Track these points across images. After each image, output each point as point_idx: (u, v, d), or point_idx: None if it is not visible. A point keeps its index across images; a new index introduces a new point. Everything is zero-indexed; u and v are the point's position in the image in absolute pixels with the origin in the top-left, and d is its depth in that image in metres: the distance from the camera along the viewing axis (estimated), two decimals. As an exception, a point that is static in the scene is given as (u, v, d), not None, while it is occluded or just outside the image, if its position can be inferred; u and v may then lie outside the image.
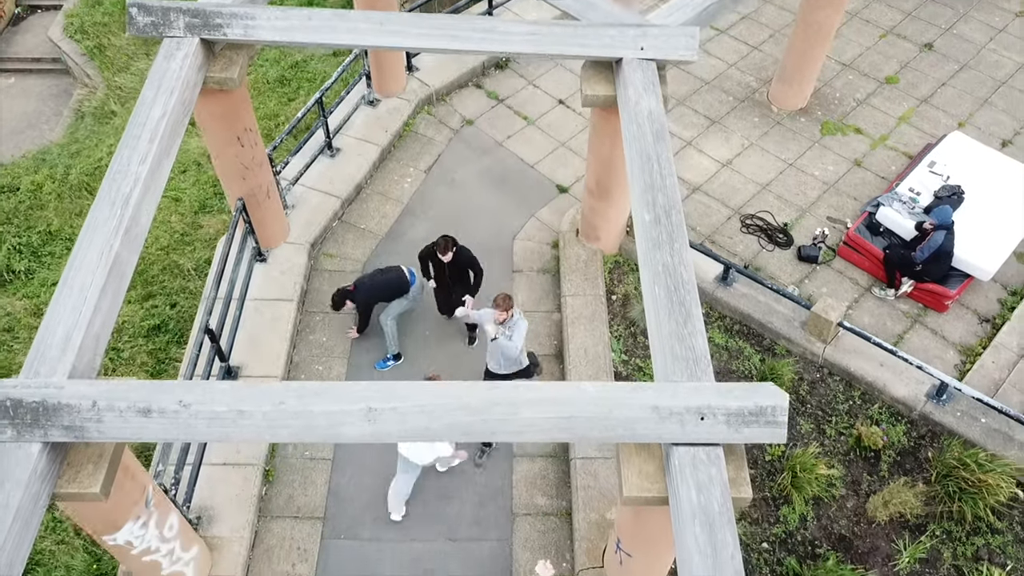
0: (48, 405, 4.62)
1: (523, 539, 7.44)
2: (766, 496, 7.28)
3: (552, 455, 7.99)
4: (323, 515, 7.58)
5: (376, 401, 4.73)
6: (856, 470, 7.39)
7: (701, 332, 5.28)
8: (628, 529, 6.02)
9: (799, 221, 9.92)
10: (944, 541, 6.94)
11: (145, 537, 5.92)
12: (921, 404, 7.62)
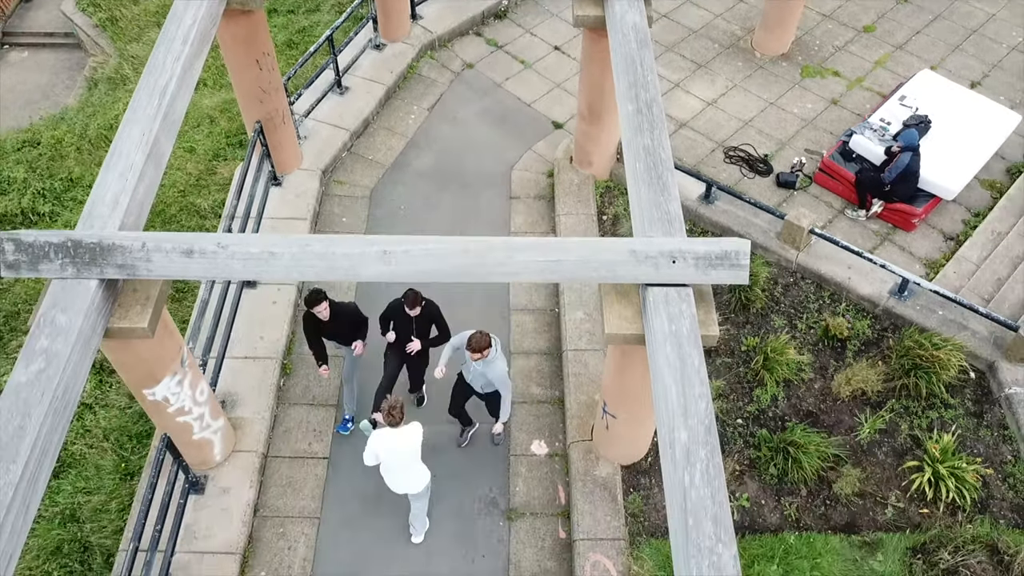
0: (103, 246, 5.31)
1: (519, 423, 8.14)
2: (741, 380, 7.97)
3: (546, 352, 8.67)
4: (337, 403, 8.27)
5: (391, 246, 5.42)
6: (824, 357, 8.09)
7: (676, 199, 5.96)
8: (612, 390, 6.71)
9: (779, 153, 10.60)
10: (901, 415, 7.62)
11: (180, 396, 6.61)
12: (884, 300, 8.30)
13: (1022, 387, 7.55)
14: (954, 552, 6.59)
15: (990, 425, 7.59)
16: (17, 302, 10.90)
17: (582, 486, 7.42)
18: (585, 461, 7.59)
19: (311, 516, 7.52)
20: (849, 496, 7.12)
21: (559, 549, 7.30)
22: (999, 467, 7.34)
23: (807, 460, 7.00)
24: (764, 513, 7.15)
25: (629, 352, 6.11)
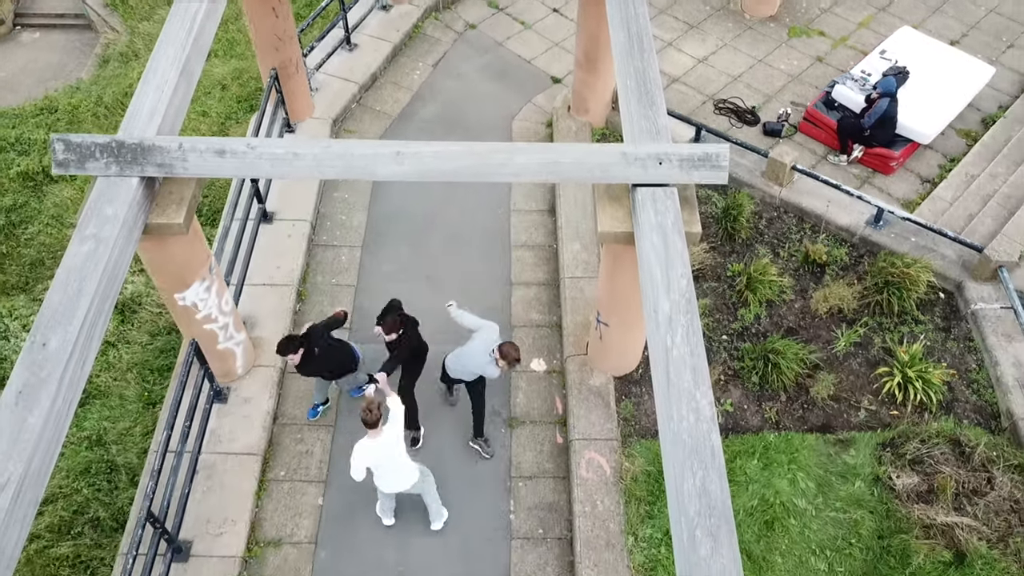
0: (144, 147, 5.88)
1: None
2: (726, 301, 8.54)
3: (544, 283, 9.24)
4: (349, 325, 8.83)
5: (403, 148, 5.99)
6: (804, 281, 8.66)
7: (663, 113, 6.53)
8: (605, 297, 7.27)
9: (765, 105, 11.17)
10: (875, 330, 8.20)
11: (208, 302, 7.18)
12: (861, 229, 8.88)
13: (987, 303, 8.13)
14: (920, 444, 7.16)
15: (957, 338, 8.17)
16: (41, 251, 11.48)
17: (577, 394, 7.99)
18: (581, 373, 8.16)
19: (326, 425, 8.09)
20: (825, 400, 7.70)
21: (557, 452, 7.87)
22: (964, 375, 7.92)
23: (786, 366, 7.58)
24: (746, 416, 7.72)
25: (620, 255, 6.66)
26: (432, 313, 8.94)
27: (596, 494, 7.32)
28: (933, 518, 6.70)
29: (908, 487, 6.94)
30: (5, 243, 11.76)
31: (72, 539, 8.50)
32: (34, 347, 5.01)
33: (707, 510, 4.46)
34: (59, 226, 11.73)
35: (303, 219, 9.56)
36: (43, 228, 11.80)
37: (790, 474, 7.18)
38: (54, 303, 5.23)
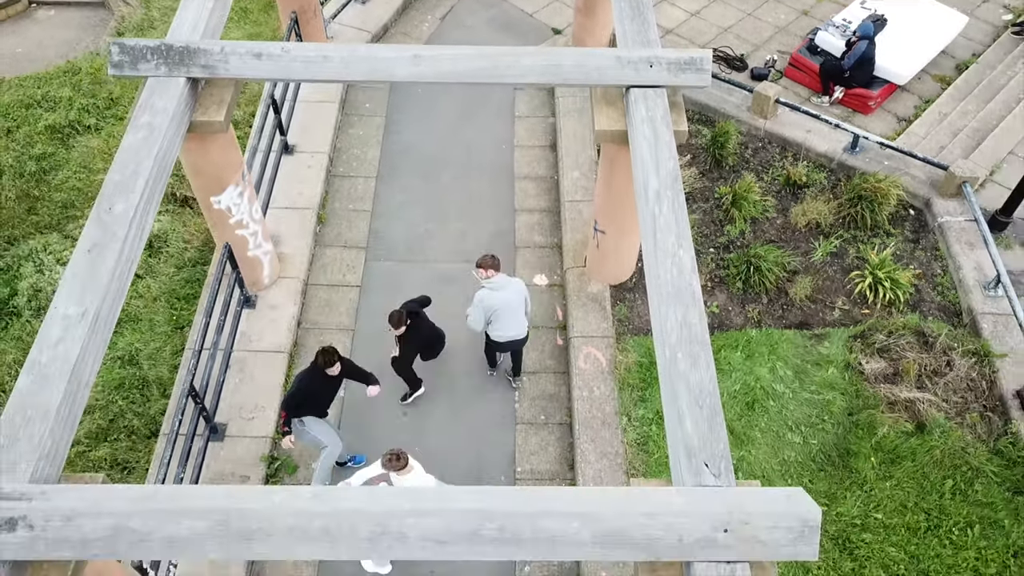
0: (190, 49, 6.59)
1: (524, 262, 9.43)
2: (714, 219, 9.26)
3: (546, 210, 9.96)
4: (366, 246, 9.56)
5: (421, 51, 6.70)
6: (785, 201, 9.38)
7: (653, 29, 7.25)
8: (602, 203, 7.99)
9: (754, 53, 11.88)
10: (850, 242, 8.92)
11: (241, 207, 7.90)
12: (839, 155, 9.60)
13: (952, 217, 8.85)
14: (887, 336, 7.88)
15: (924, 248, 8.89)
16: (71, 194, 12.18)
17: (576, 300, 8.71)
18: (579, 282, 8.88)
19: (347, 328, 8.81)
20: (803, 300, 8.42)
21: (558, 352, 8.59)
22: (930, 279, 8.64)
23: (767, 269, 8.30)
24: (731, 317, 8.44)
25: (615, 158, 7.38)
26: (442, 237, 9.70)
27: (593, 382, 8.04)
28: (897, 395, 7.41)
29: (876, 371, 7.66)
30: (37, 188, 12.46)
31: (109, 444, 9.21)
32: (101, 212, 5.73)
33: (687, 337, 5.18)
34: (88, 172, 12.41)
35: (321, 152, 10.28)
36: (72, 175, 12.47)
37: (770, 363, 7.90)
38: (115, 180, 5.94)
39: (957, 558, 6.66)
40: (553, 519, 4.30)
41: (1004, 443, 7.23)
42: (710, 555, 4.32)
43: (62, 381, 4.84)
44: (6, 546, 4.18)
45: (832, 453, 7.33)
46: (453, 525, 4.28)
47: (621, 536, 4.30)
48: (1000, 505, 6.91)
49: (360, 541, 4.27)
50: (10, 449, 4.58)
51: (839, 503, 7.01)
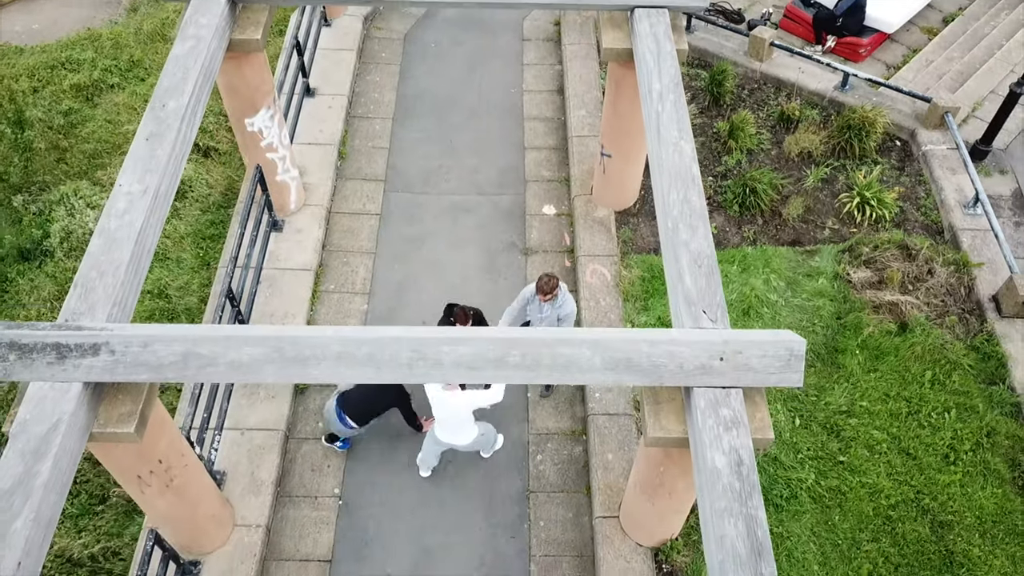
0: (231, -28, 7.18)
1: (533, 194, 10.01)
2: (712, 151, 9.85)
3: (554, 147, 10.54)
4: (384, 179, 10.15)
5: (441, -25, 7.30)
6: (779, 134, 9.97)
7: (656, -41, 7.81)
8: (608, 127, 8.56)
9: (750, 7, 12.46)
10: (839, 170, 9.51)
11: (271, 130, 8.48)
12: (830, 93, 10.18)
13: (935, 145, 9.44)
14: (873, 249, 8.47)
15: (909, 175, 9.48)
16: (98, 145, 12.75)
17: (583, 223, 9.30)
18: (586, 208, 9.47)
19: (368, 252, 9.40)
20: (795, 221, 9.00)
21: (565, 272, 9.18)
22: (914, 201, 9.23)
23: (762, 190, 8.88)
24: (728, 237, 9.03)
25: (621, 80, 7.95)
26: (456, 171, 10.28)
27: (599, 294, 8.63)
28: (882, 298, 8.00)
29: (862, 280, 8.25)
30: (65, 139, 13.03)
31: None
32: (155, 108, 6.31)
33: (687, 212, 5.77)
34: (113, 125, 12.99)
35: (341, 94, 10.86)
36: (98, 127, 13.04)
37: (764, 276, 8.49)
38: (165, 85, 6.50)
39: (935, 438, 7.25)
40: (568, 347, 4.89)
41: (980, 340, 7.83)
42: (707, 381, 4.91)
43: (129, 244, 5.43)
44: (91, 369, 4.76)
45: (822, 351, 7.92)
46: (482, 352, 4.87)
47: (628, 362, 4.89)
48: (975, 393, 7.50)
49: (401, 366, 4.86)
50: (87, 297, 5.17)
51: (827, 394, 7.60)
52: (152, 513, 6.24)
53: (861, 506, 6.91)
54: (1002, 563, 6.59)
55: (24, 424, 4.61)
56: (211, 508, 6.71)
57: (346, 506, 7.47)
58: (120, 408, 4.98)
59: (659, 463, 5.73)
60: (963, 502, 6.87)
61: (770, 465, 7.17)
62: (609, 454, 7.50)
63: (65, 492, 4.63)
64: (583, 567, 7.11)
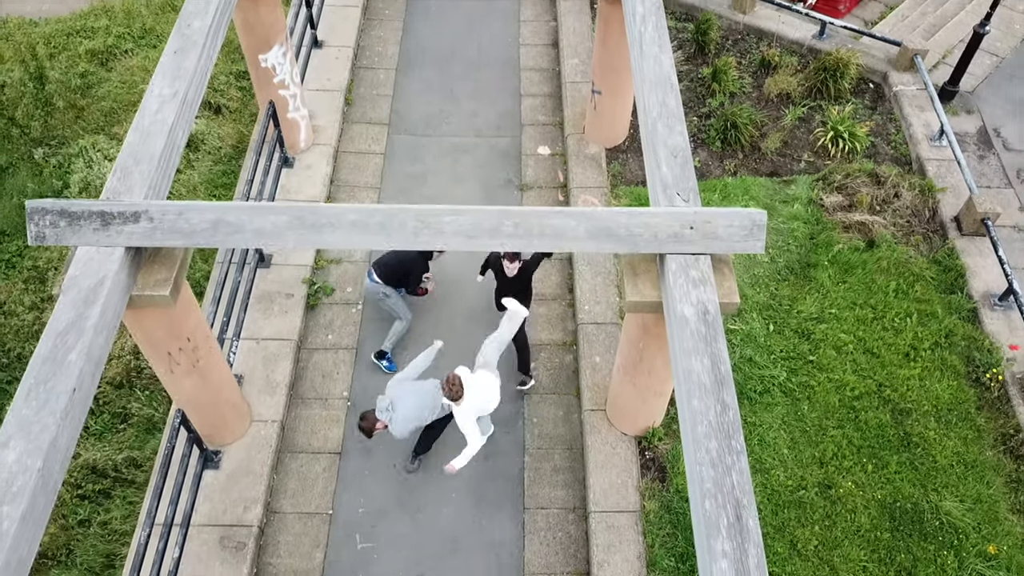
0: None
1: (529, 136, 10.63)
2: (697, 94, 10.46)
3: (548, 95, 11.15)
4: (388, 123, 10.76)
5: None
6: (760, 79, 10.58)
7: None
8: (598, 66, 9.17)
9: (736, -31, 13.07)
10: (816, 110, 10.13)
11: (283, 68, 9.10)
12: (808, 41, 10.80)
13: (906, 86, 10.05)
14: (845, 177, 9.09)
15: (881, 114, 10.10)
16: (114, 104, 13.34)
17: (576, 159, 9.92)
18: (578, 146, 10.08)
19: (373, 187, 10.01)
20: (773, 154, 9.62)
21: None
22: (884, 137, 9.85)
23: (743, 124, 9.49)
24: (711, 169, 9.65)
25: (609, 16, 8.54)
26: (456, 116, 10.89)
27: (590, 220, 9.23)
28: (852, 219, 8.62)
29: (834, 203, 8.86)
30: (82, 99, 13.64)
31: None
32: (182, 27, 6.93)
33: (665, 113, 6.36)
34: (127, 86, 13.59)
35: (347, 46, 11.48)
36: (114, 88, 13.64)
37: (743, 202, 9.10)
38: (190, 8, 7.11)
39: (897, 339, 7.86)
40: (557, 218, 5.51)
41: (941, 254, 8.44)
42: (678, 248, 5.52)
43: (161, 138, 6.04)
44: (132, 234, 5.38)
45: (795, 267, 8.53)
46: (480, 222, 5.49)
47: (608, 231, 5.50)
48: (935, 300, 8.11)
49: (407, 233, 5.48)
50: (126, 179, 5.79)
51: (800, 304, 8.21)
52: (179, 395, 6.84)
53: (828, 398, 7.52)
54: (954, 443, 7.19)
55: (74, 280, 5.22)
56: (232, 396, 7.32)
57: (354, 406, 8.07)
58: (156, 275, 5.60)
59: (639, 339, 6.34)
60: (921, 393, 7.48)
61: (745, 365, 7.79)
62: (597, 357, 8.11)
63: (111, 339, 5.24)
64: (572, 457, 7.72)
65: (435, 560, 7.14)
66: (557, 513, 7.40)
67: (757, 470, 7.16)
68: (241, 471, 7.50)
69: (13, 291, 10.37)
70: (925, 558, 6.62)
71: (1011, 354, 7.64)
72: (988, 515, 6.80)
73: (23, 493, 4.34)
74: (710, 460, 4.58)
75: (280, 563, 7.16)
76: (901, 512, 6.85)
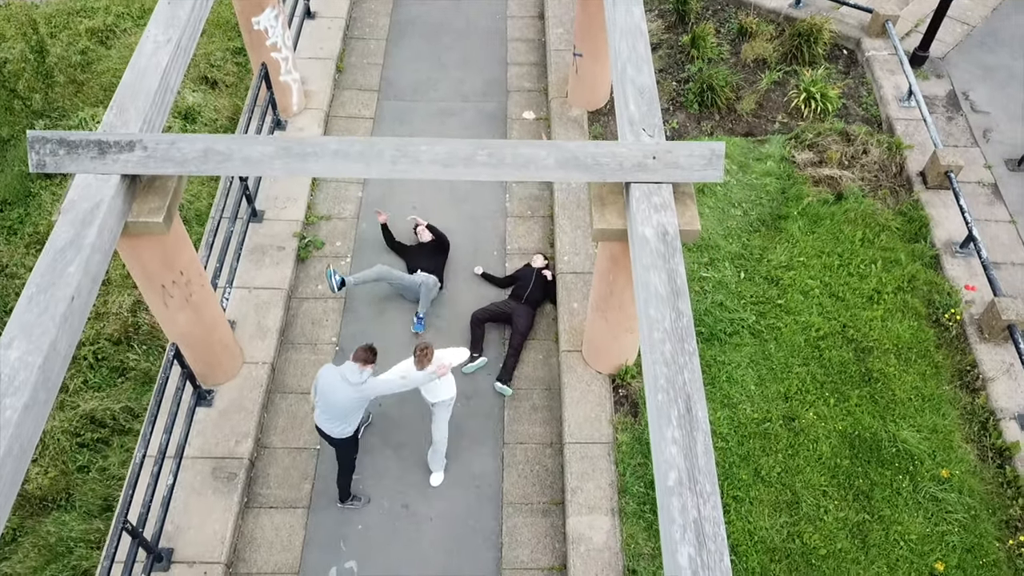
0: None
1: (514, 102, 10.97)
2: (676, 60, 10.80)
3: (534, 63, 11.50)
4: (378, 89, 11.11)
5: None
6: (738, 46, 10.93)
7: None
8: (580, 30, 9.51)
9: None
10: (791, 74, 10.47)
11: (275, 30, 9.44)
12: (784, 10, 11.14)
13: (877, 51, 10.39)
14: (816, 135, 9.43)
15: (854, 78, 10.44)
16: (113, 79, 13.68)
17: (559, 121, 10.26)
18: (561, 109, 10.43)
19: (362, 148, 10.34)
20: (749, 115, 9.96)
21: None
22: (856, 99, 10.19)
23: (719, 86, 9.83)
24: (688, 131, 9.99)
25: (589, -20, 8.91)
26: (444, 82, 11.23)
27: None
28: (821, 173, 8.96)
29: (805, 160, 9.20)
30: (82, 74, 14.00)
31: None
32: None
33: (635, 57, 6.71)
34: (126, 63, 13.94)
35: (339, 17, 11.83)
36: (113, 65, 14.00)
37: (719, 160, 9.43)
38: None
39: (862, 284, 8.20)
40: (528, 148, 5.85)
41: (906, 205, 8.79)
42: (642, 177, 5.86)
43: (156, 77, 6.38)
44: (127, 162, 5.72)
45: (767, 219, 8.87)
46: (455, 152, 5.83)
47: (576, 161, 5.84)
48: (900, 248, 8.45)
49: (385, 163, 5.82)
50: (122, 114, 6.14)
51: (770, 253, 8.55)
52: (173, 330, 7.18)
53: (794, 338, 7.86)
54: (913, 379, 7.53)
55: (73, 203, 5.57)
56: (224, 337, 7.66)
57: (342, 351, 8.41)
58: (151, 203, 5.94)
59: (608, 271, 6.68)
60: (883, 332, 7.82)
61: (716, 309, 8.13)
62: (575, 303, 8.45)
63: (106, 260, 5.59)
64: (551, 397, 8.06)
65: (417, 491, 7.48)
66: (535, 448, 7.75)
67: (725, 405, 7.50)
68: (233, 408, 7.84)
69: (15, 254, 10.70)
70: (882, 482, 6.95)
71: (969, 296, 7.98)
72: (943, 443, 7.14)
73: (25, 387, 4.68)
74: (664, 360, 4.92)
75: (270, 493, 7.50)
76: (860, 441, 7.19)
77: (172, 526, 7.10)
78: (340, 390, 6.47)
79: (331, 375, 6.57)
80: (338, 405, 6.54)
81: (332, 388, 6.52)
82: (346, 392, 6.45)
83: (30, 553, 8.05)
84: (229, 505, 7.20)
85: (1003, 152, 9.53)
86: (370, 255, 9.16)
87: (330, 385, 6.54)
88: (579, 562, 6.81)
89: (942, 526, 6.72)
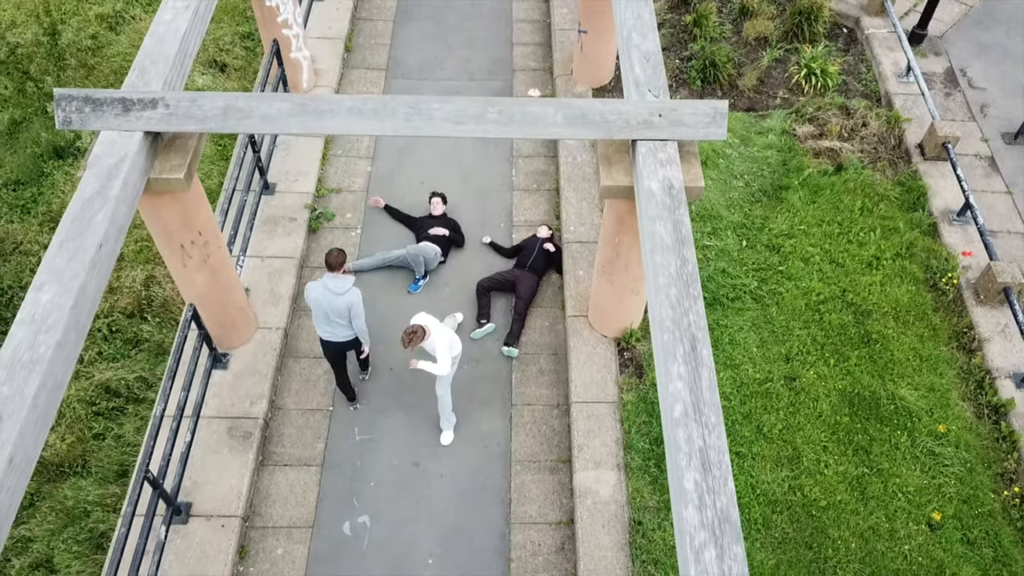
0: None
1: (520, 80, 11.17)
2: (679, 40, 11.00)
3: (539, 43, 11.70)
4: (386, 68, 11.31)
5: None
6: (740, 25, 11.12)
7: None
8: (584, 5, 9.71)
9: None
10: (792, 52, 10.66)
11: (287, 7, 9.63)
12: (785, -10, 11.37)
13: (877, 29, 10.59)
14: (817, 110, 9.62)
15: (854, 55, 10.64)
16: (123, 63, 13.89)
17: (563, 97, 10.43)
18: (566, 86, 10.63)
19: (371, 125, 10.53)
20: (751, 91, 10.16)
21: (549, 144, 10.32)
22: (856, 76, 10.39)
23: (722, 63, 10.03)
24: (691, 106, 10.17)
25: (593, -45, 9.11)
26: (450, 61, 11.43)
27: (575, 152, 9.78)
28: (822, 145, 9.15)
29: (806, 133, 9.39)
30: (92, 58, 14.21)
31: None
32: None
33: (640, 25, 6.91)
34: (135, 48, 14.14)
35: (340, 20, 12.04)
36: (123, 49, 14.21)
37: (721, 134, 9.62)
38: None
39: (861, 251, 8.39)
40: (536, 106, 6.05)
41: (904, 176, 8.98)
42: (648, 134, 6.05)
43: (175, 42, 6.59)
44: (150, 119, 5.92)
45: (768, 190, 9.07)
46: (466, 110, 6.03)
47: (584, 118, 6.04)
48: (898, 217, 8.65)
49: (399, 120, 6.02)
50: (143, 76, 6.34)
51: (772, 222, 8.75)
52: (191, 291, 7.38)
53: (795, 303, 8.06)
54: (911, 340, 7.72)
55: (98, 157, 5.77)
56: (239, 300, 7.86)
57: (354, 317, 8.60)
58: (172, 161, 6.14)
59: (615, 232, 6.88)
60: (882, 296, 8.01)
61: (719, 276, 8.32)
62: (580, 271, 8.65)
63: (130, 213, 5.78)
64: (557, 361, 8.26)
65: (428, 450, 7.68)
66: (542, 409, 7.94)
67: (727, 366, 7.69)
68: (248, 371, 8.04)
69: (29, 231, 10.89)
70: (880, 438, 7.15)
71: (966, 261, 8.18)
72: (940, 401, 7.33)
73: (57, 326, 4.88)
74: (670, 303, 5.12)
75: (284, 452, 7.70)
76: (859, 399, 7.38)
77: (190, 482, 7.29)
78: (330, 301, 7.07)
79: (317, 290, 7.12)
80: (332, 311, 7.11)
81: (324, 300, 7.09)
82: (335, 301, 7.06)
83: (48, 516, 8.25)
84: (245, 462, 7.40)
85: (1000, 126, 9.73)
86: (379, 227, 9.36)
87: (321, 297, 7.10)
88: (586, 514, 7.01)
89: (939, 479, 6.91)
